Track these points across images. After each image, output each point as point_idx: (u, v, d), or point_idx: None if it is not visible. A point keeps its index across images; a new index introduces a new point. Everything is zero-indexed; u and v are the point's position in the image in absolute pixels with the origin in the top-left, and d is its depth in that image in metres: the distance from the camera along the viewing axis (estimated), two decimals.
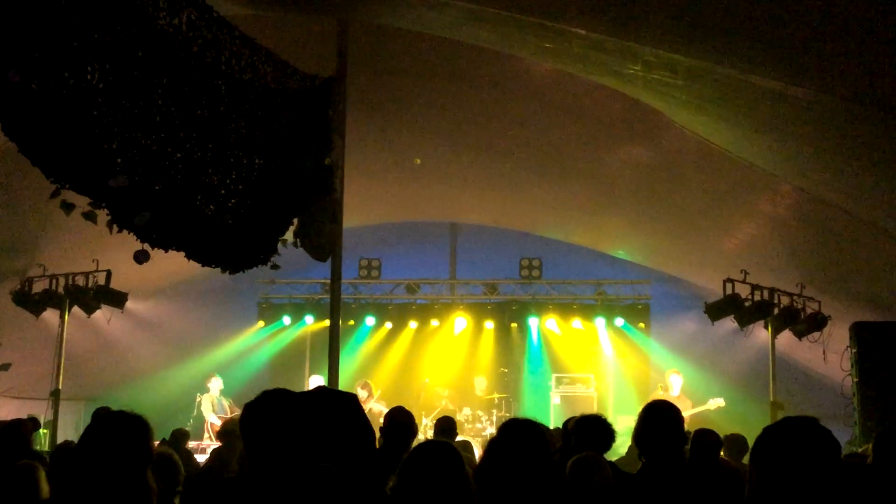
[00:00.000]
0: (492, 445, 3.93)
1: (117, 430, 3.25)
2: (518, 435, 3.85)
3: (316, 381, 14.61)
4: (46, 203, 5.44)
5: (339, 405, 2.26)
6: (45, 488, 4.34)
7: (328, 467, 2.17)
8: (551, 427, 9.21)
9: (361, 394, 15.45)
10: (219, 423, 13.72)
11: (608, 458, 5.64)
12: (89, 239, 9.82)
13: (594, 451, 5.07)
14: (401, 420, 5.79)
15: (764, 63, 6.35)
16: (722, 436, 7.02)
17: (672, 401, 13.54)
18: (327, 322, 10.90)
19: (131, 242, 6.07)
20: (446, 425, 8.66)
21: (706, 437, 6.28)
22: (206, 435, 13.78)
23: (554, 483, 3.89)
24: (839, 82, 6.25)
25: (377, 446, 2.33)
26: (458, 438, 9.33)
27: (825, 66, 6.05)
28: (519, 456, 3.71)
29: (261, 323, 17.47)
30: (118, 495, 2.99)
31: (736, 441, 7.74)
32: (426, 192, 15.58)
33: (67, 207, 5.33)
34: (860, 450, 7.27)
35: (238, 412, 14.12)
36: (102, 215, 5.58)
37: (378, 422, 13.41)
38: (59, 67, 4.96)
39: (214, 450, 8.85)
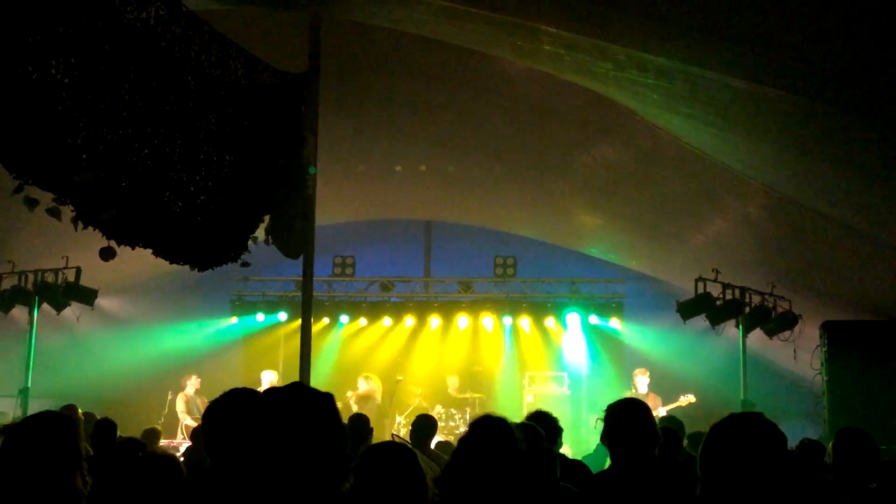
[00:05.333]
0: (462, 443, 3.92)
1: (42, 431, 3.13)
2: (488, 433, 3.84)
3: (268, 376, 14.60)
4: (13, 199, 5.36)
5: (309, 405, 2.20)
6: None
7: (289, 469, 2.11)
8: None
9: (364, 385, 15.32)
10: (194, 424, 13.72)
11: (578, 456, 5.66)
12: (60, 235, 9.72)
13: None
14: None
15: (733, 63, 6.38)
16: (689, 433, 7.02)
17: (640, 399, 13.61)
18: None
19: (102, 239, 6.00)
20: (423, 426, 8.55)
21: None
22: (179, 434, 13.74)
23: (522, 481, 3.87)
24: (808, 83, 6.29)
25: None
26: (438, 439, 9.26)
27: (793, 66, 6.08)
28: (488, 454, 3.70)
29: (234, 320, 17.37)
30: (43, 499, 2.88)
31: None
32: (401, 191, 15.57)
33: (31, 203, 5.24)
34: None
35: None
36: (67, 211, 5.51)
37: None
38: (23, 61, 4.88)
39: (188, 448, 8.80)
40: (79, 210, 5.49)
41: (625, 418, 4.42)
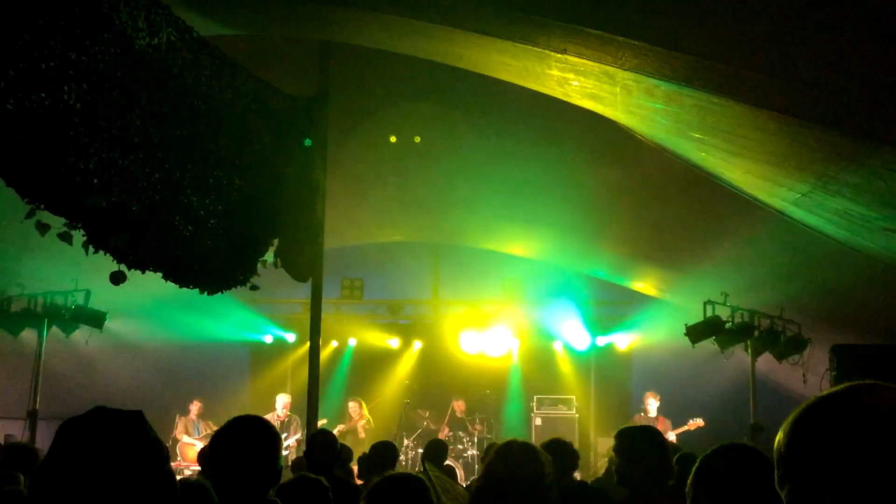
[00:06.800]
0: (489, 468, 3.90)
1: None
2: (515, 458, 3.83)
3: (282, 400, 14.60)
4: (24, 222, 5.39)
5: (110, 430, 2.12)
6: None
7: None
8: None
9: (353, 406, 15.30)
10: (194, 442, 13.82)
11: (586, 480, 5.64)
12: (70, 258, 9.74)
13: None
14: None
15: (739, 88, 6.40)
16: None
17: (649, 422, 13.66)
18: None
19: (112, 262, 6.02)
20: (435, 451, 8.60)
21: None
22: (177, 457, 13.81)
23: None
24: (814, 109, 6.30)
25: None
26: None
27: (800, 92, 6.10)
28: (516, 479, 3.69)
29: (243, 341, 17.38)
30: None
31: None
32: (409, 214, 15.59)
33: (43, 228, 5.27)
34: None
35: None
36: (78, 236, 5.54)
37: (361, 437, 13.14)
38: (36, 87, 4.93)
39: (198, 473, 8.83)
40: (90, 235, 5.53)
41: (639, 447, 4.38)
